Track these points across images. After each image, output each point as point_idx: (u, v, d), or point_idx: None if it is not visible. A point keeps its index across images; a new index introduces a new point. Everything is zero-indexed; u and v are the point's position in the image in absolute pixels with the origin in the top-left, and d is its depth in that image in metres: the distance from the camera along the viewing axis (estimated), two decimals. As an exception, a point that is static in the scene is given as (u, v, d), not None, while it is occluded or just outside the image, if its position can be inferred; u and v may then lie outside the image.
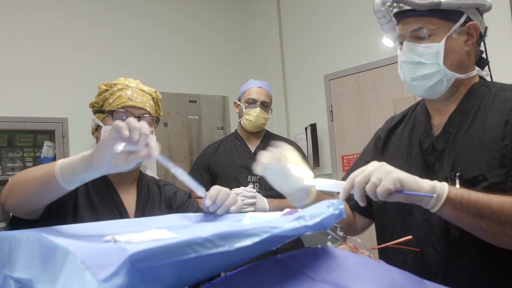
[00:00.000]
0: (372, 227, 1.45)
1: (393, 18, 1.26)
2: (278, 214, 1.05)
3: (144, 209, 1.46)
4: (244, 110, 2.68)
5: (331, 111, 4.28)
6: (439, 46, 1.22)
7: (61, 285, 0.66)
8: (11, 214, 1.25)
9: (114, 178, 1.47)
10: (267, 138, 2.77)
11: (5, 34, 3.75)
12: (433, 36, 1.23)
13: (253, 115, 2.65)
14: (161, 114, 1.57)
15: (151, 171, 2.62)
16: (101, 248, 0.66)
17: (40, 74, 3.85)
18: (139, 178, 1.54)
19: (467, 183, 1.15)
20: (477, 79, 1.30)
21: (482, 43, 1.32)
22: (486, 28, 1.31)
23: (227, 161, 2.68)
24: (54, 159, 3.87)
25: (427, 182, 1.05)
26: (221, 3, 4.99)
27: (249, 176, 2.59)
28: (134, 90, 1.47)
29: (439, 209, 1.04)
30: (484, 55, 1.35)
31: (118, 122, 0.93)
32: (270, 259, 0.84)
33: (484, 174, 1.13)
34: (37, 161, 3.96)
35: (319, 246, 0.88)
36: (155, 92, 1.54)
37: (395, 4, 1.24)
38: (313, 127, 4.28)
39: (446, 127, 1.26)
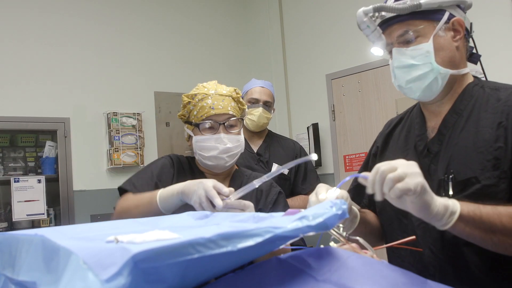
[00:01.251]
0: None
1: (378, 27, 1.27)
2: (281, 214, 1.04)
3: None
4: (246, 110, 2.67)
5: (333, 110, 4.28)
6: (428, 46, 1.22)
7: (64, 286, 0.66)
8: None
9: (208, 175, 1.60)
10: (269, 138, 2.77)
11: (7, 34, 3.76)
12: (420, 38, 1.23)
13: (255, 114, 2.64)
14: (245, 108, 1.66)
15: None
16: (104, 249, 0.65)
17: (42, 74, 3.86)
18: (234, 174, 1.65)
19: (460, 185, 1.14)
20: (471, 79, 1.30)
21: (470, 39, 1.33)
22: (471, 24, 1.31)
23: None
24: (56, 159, 3.88)
25: (440, 199, 1.01)
26: (223, 3, 4.99)
27: (252, 176, 2.58)
28: (214, 97, 1.53)
29: (451, 226, 1.02)
30: (474, 51, 1.35)
31: (201, 203, 1.24)
32: (273, 259, 0.84)
33: (477, 176, 1.13)
34: (39, 161, 3.97)
35: (322, 246, 0.88)
36: (235, 90, 1.59)
37: (377, 14, 1.25)
38: (315, 126, 4.28)
39: (441, 129, 1.26)
